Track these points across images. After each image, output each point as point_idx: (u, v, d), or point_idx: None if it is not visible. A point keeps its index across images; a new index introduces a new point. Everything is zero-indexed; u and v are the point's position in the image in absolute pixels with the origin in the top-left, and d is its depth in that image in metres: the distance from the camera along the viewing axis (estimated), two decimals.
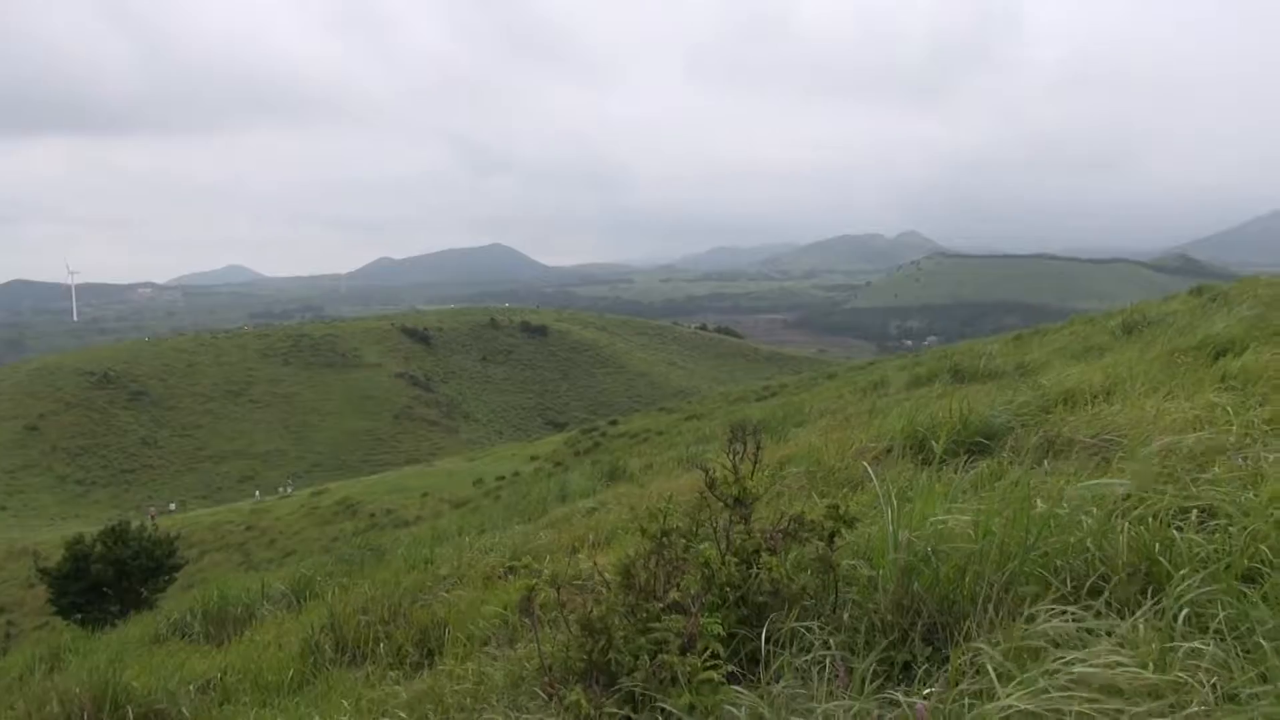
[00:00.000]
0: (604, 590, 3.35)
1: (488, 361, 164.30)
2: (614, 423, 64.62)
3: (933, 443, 6.65)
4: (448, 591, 6.98)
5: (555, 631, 3.42)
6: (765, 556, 3.08)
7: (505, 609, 5.04)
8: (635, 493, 11.20)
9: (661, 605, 3.02)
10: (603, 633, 2.93)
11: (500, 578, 6.96)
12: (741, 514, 3.53)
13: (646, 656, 2.70)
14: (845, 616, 3.13)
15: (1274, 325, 8.66)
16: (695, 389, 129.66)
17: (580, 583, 4.78)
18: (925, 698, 2.40)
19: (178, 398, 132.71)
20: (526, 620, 3.06)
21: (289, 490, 78.73)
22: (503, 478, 46.82)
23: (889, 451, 7.12)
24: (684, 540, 3.38)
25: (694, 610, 2.81)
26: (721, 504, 3.35)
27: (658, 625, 2.76)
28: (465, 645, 4.94)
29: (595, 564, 3.56)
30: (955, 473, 5.34)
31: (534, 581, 2.96)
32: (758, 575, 3.09)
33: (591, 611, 2.97)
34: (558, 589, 3.13)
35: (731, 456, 3.43)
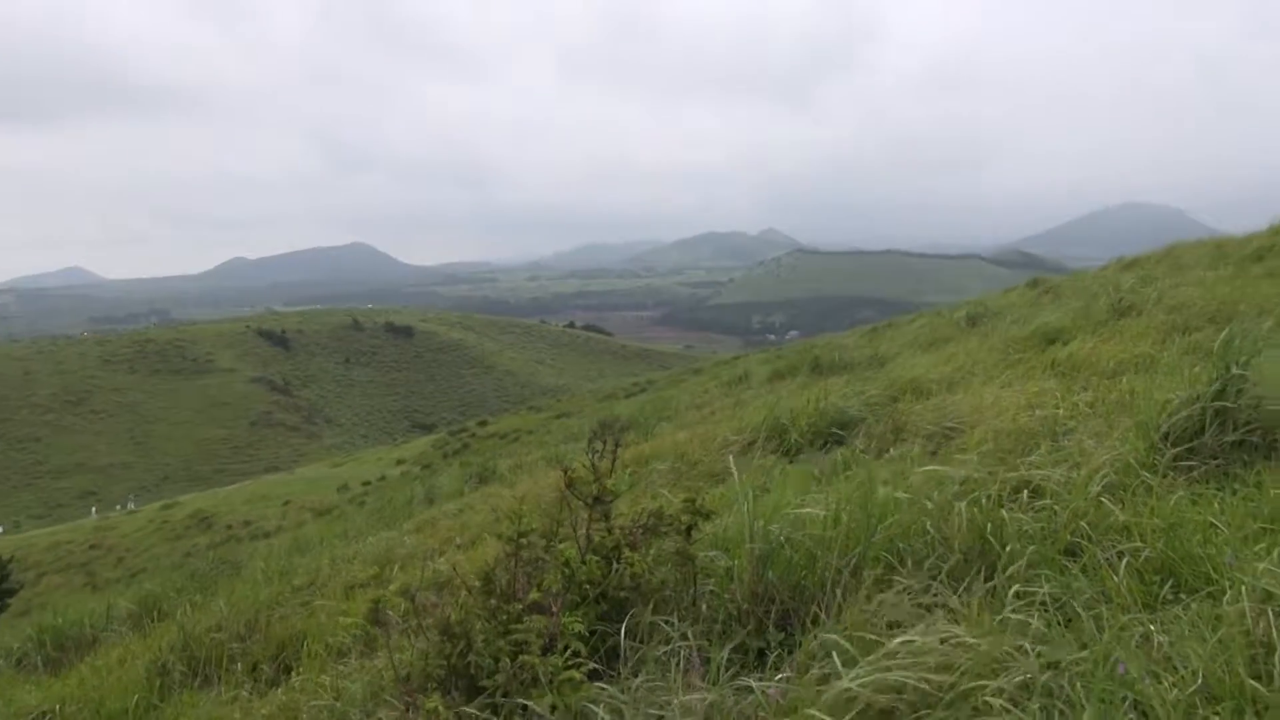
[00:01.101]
0: (465, 594, 3.32)
1: (351, 364, 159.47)
2: (483, 423, 63.76)
3: (792, 434, 6.88)
4: (307, 603, 6.76)
5: (415, 639, 3.36)
6: (626, 553, 3.11)
7: (365, 619, 4.92)
8: (504, 493, 11.10)
9: (522, 606, 3.01)
10: (462, 637, 2.90)
11: (363, 586, 6.79)
12: (602, 511, 3.55)
13: (507, 659, 2.68)
14: (704, 608, 3.21)
15: (1097, 316, 9.33)
16: (565, 387, 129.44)
17: (442, 587, 4.71)
18: (778, 683, 2.48)
19: (13, 409, 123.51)
20: (380, 630, 2.99)
21: (131, 506, 74.07)
22: (368, 483, 45.50)
23: (751, 444, 7.30)
24: (544, 540, 3.38)
25: (555, 610, 2.81)
26: (581, 502, 3.36)
27: (519, 627, 2.75)
28: (324, 658, 4.80)
29: (454, 568, 3.51)
30: (813, 462, 5.54)
31: (381, 592, 2.90)
32: (618, 572, 3.12)
33: (450, 617, 2.93)
34: (411, 597, 3.07)
35: (590, 455, 3.45)
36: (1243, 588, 2.50)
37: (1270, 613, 2.38)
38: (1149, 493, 3.49)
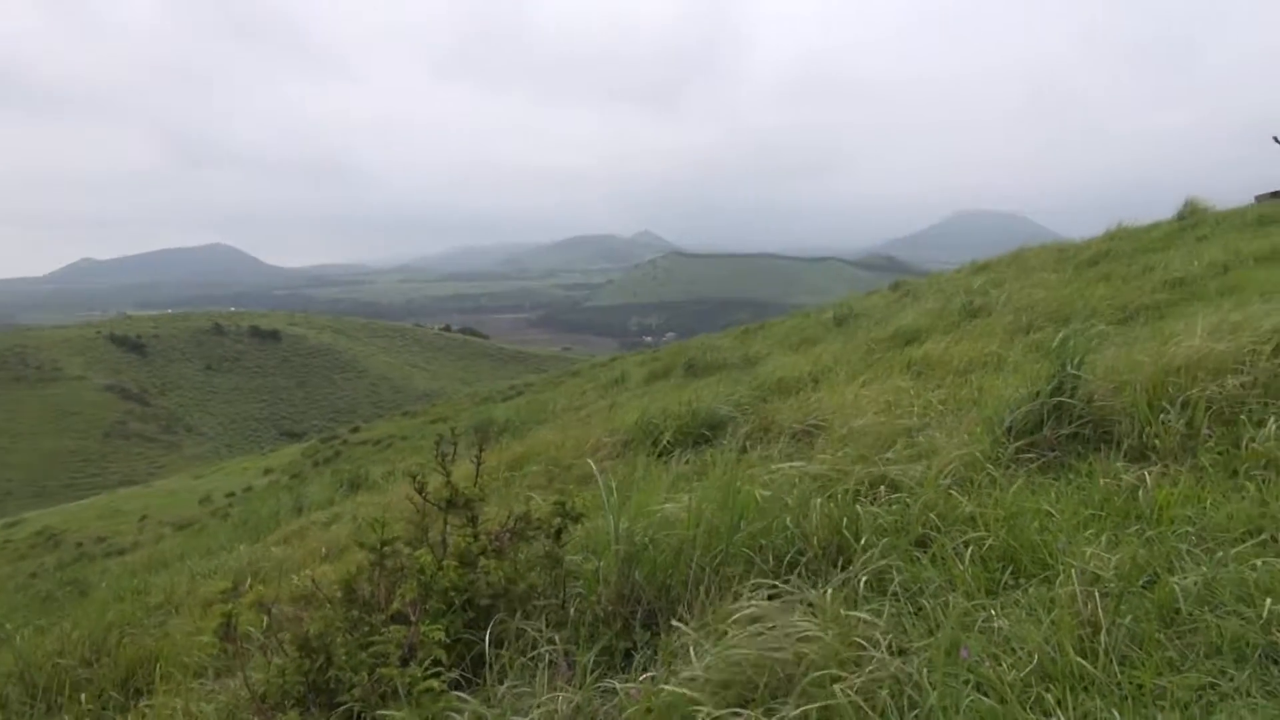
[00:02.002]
0: (328, 606, 3.22)
1: (212, 370, 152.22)
2: (355, 430, 61.94)
3: (664, 435, 6.96)
4: (162, 623, 6.43)
5: (273, 655, 3.24)
6: (484, 560, 3.08)
7: (215, 635, 4.71)
8: (376, 501, 10.83)
9: (384, 617, 2.94)
10: (321, 651, 2.82)
11: (221, 602, 6.49)
12: (468, 517, 3.51)
13: (366, 672, 2.62)
14: (571, 611, 3.20)
15: (951, 317, 9.79)
16: (441, 391, 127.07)
17: (306, 600, 4.56)
18: (641, 683, 2.50)
19: None
20: (230, 648, 2.87)
21: None
22: (233, 494, 43.53)
23: (625, 445, 7.35)
24: (409, 549, 3.31)
25: (414, 619, 2.75)
26: (437, 508, 3.31)
27: (378, 638, 2.69)
28: (179, 680, 4.56)
29: (313, 580, 3.40)
30: (684, 462, 5.61)
31: (230, 607, 2.78)
32: (481, 578, 3.08)
33: (309, 630, 2.83)
34: (269, 611, 2.96)
35: (441, 460, 3.40)
36: (1072, 571, 2.67)
37: (1097, 594, 2.55)
38: (993, 484, 3.68)
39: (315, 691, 2.92)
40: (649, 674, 2.59)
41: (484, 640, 2.98)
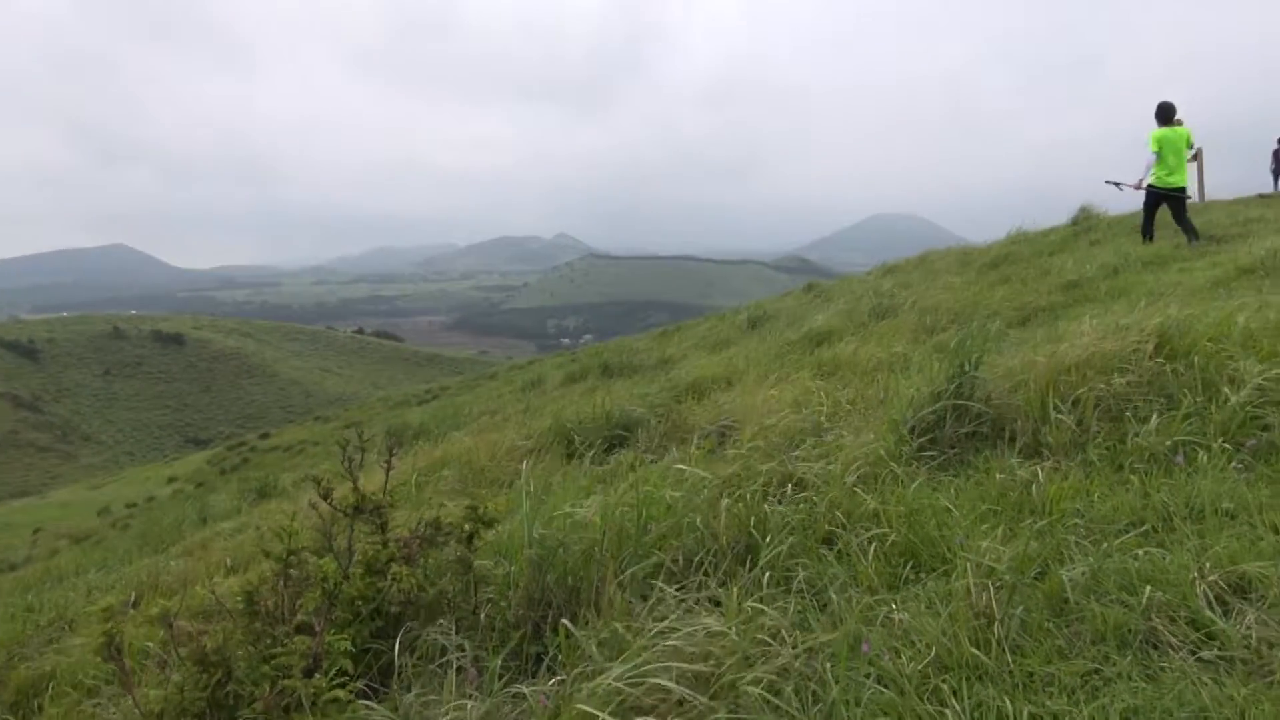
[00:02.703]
0: (229, 619, 3.13)
1: (112, 376, 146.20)
2: (265, 436, 60.33)
3: (578, 437, 6.96)
4: (54, 640, 6.16)
5: (170, 671, 3.13)
6: (395, 567, 3.03)
7: (98, 654, 4.53)
8: (286, 509, 10.54)
9: (288, 629, 2.87)
10: (220, 665, 2.74)
11: (103, 620, 6.24)
12: (377, 524, 3.45)
13: (268, 684, 2.55)
14: (482, 616, 3.18)
15: (859, 318, 10.03)
16: (354, 395, 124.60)
17: (209, 614, 4.41)
18: (549, 688, 2.50)
19: None
20: (116, 668, 2.77)
21: None
22: (134, 505, 41.91)
23: (539, 449, 7.32)
24: (315, 558, 3.24)
25: (319, 629, 2.70)
26: (344, 515, 3.25)
27: (280, 650, 2.63)
28: (74, 701, 4.38)
29: (213, 592, 3.30)
30: (599, 465, 5.63)
31: (110, 625, 2.69)
32: (390, 586, 3.04)
33: (207, 645, 2.75)
34: (168, 625, 2.86)
35: (348, 466, 3.34)
36: (968, 565, 2.77)
37: (990, 587, 2.65)
38: (896, 482, 3.79)
39: (215, 708, 2.84)
40: (558, 678, 2.60)
41: (394, 649, 2.94)
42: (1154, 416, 3.84)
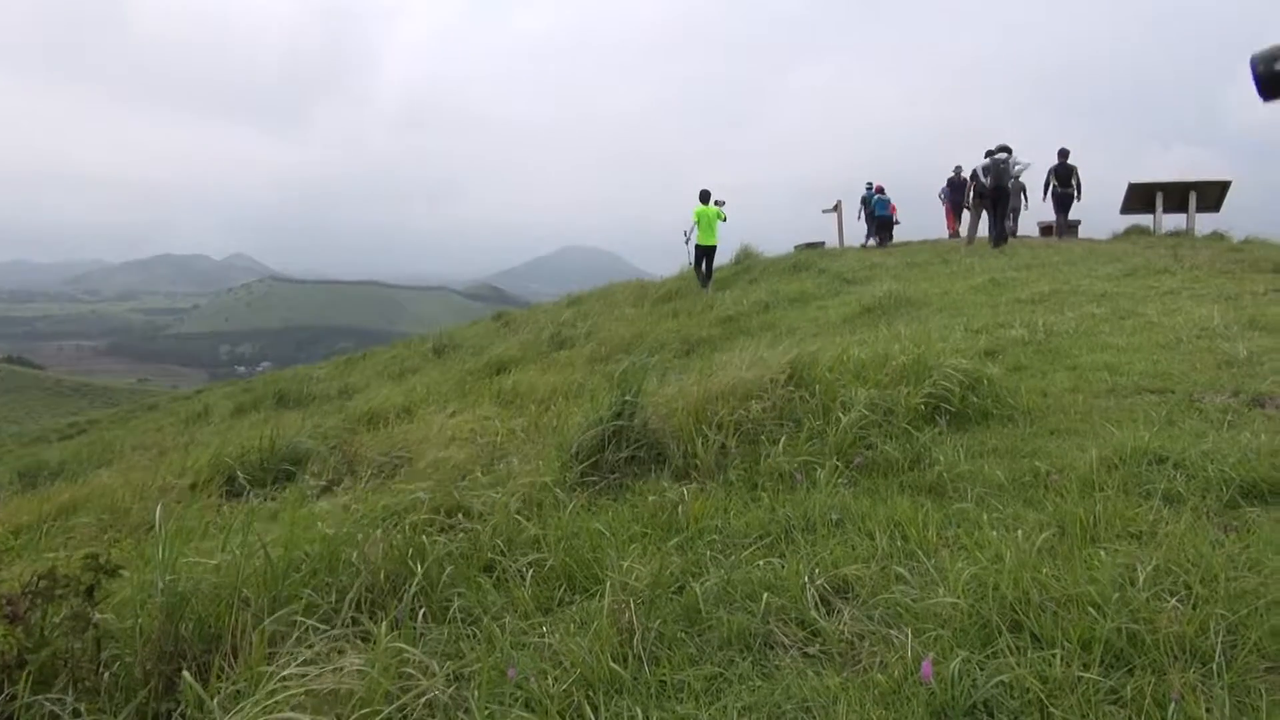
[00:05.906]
0: None
1: None
2: None
3: (241, 473, 6.50)
4: None
5: None
6: None
7: None
8: None
9: None
10: None
11: None
12: None
13: None
14: (107, 676, 2.88)
15: (541, 347, 10.28)
16: None
17: None
18: None
19: None
20: None
21: None
22: None
23: (196, 486, 6.75)
24: None
25: None
26: None
27: None
28: None
29: None
30: (260, 501, 5.28)
31: None
32: None
33: None
34: None
35: None
36: (613, 584, 2.92)
37: (632, 603, 2.82)
38: (558, 507, 3.92)
39: None
40: None
41: None
42: (783, 439, 4.29)
